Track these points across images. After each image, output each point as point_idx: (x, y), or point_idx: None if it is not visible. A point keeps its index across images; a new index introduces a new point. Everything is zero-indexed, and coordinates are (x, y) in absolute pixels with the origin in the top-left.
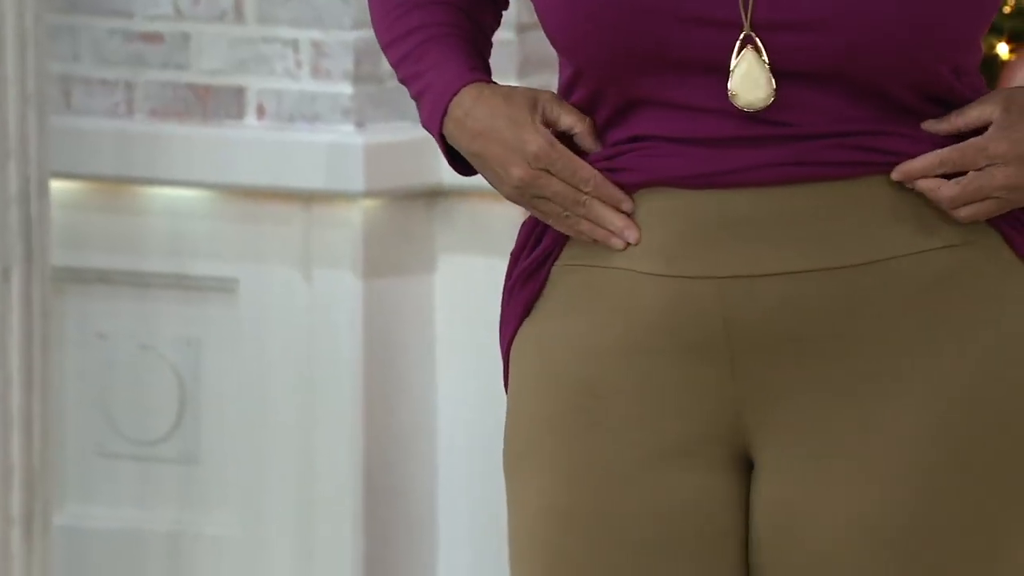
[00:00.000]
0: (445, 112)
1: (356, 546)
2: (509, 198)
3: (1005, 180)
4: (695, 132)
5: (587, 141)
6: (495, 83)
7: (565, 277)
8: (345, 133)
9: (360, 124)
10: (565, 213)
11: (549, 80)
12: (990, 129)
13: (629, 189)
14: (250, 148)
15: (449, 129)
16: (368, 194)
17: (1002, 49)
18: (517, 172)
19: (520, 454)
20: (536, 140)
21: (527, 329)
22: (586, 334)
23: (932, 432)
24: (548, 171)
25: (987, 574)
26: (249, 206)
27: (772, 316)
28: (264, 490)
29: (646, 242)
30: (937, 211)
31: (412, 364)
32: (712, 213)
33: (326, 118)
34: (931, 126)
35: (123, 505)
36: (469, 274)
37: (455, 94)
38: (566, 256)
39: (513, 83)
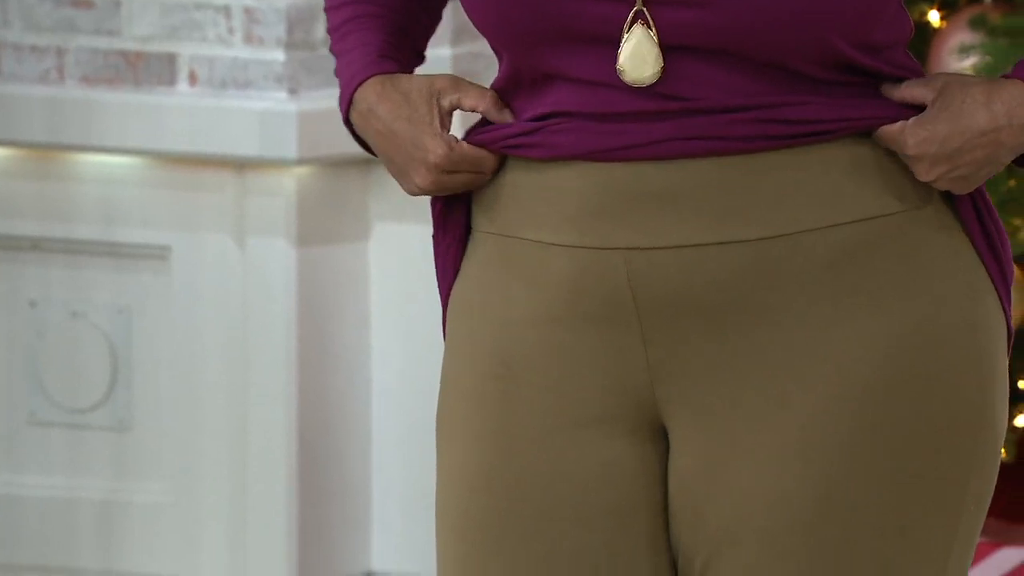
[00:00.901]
0: (351, 103)
1: (290, 512)
2: (414, 195)
3: (931, 173)
4: (597, 107)
5: (493, 115)
6: (399, 74)
7: (482, 245)
8: (278, 100)
9: (293, 91)
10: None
11: (483, 47)
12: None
13: (542, 164)
14: (182, 115)
15: (355, 120)
16: (301, 161)
17: (933, 16)
18: (420, 180)
19: (442, 419)
20: (436, 148)
21: (456, 291)
22: (499, 304)
23: (843, 407)
24: (452, 171)
25: (897, 550)
26: (181, 173)
27: (678, 288)
28: (197, 457)
29: (556, 214)
30: (851, 184)
31: (346, 331)
32: (618, 185)
33: (259, 85)
34: (887, 90)
35: (55, 473)
36: (403, 242)
37: (360, 85)
38: (480, 219)
39: (447, 51)
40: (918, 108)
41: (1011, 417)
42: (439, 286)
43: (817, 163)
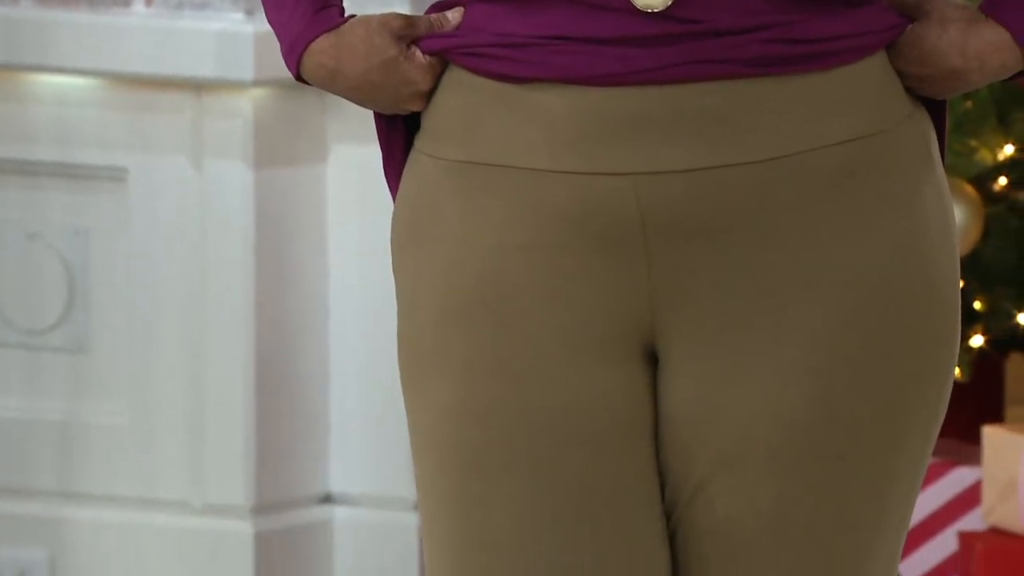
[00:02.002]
0: (299, 62)
1: (248, 434)
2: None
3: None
4: (602, 31)
5: (451, 24)
6: (344, 23)
7: (457, 174)
8: (235, 21)
9: (250, 12)
10: None
11: None
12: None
13: (532, 81)
14: (138, 35)
15: (313, 79)
16: (258, 83)
17: None
18: (418, 107)
19: (418, 348)
20: (422, 77)
21: (411, 219)
22: (487, 232)
23: (844, 324)
24: None
25: (893, 466)
26: (138, 94)
27: (686, 212)
28: (155, 379)
29: (554, 139)
30: (849, 102)
31: (304, 254)
32: (617, 110)
33: (215, 5)
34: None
35: (12, 395)
36: (361, 164)
37: (307, 46)
38: (442, 146)
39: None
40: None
41: (966, 338)
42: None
43: (818, 83)
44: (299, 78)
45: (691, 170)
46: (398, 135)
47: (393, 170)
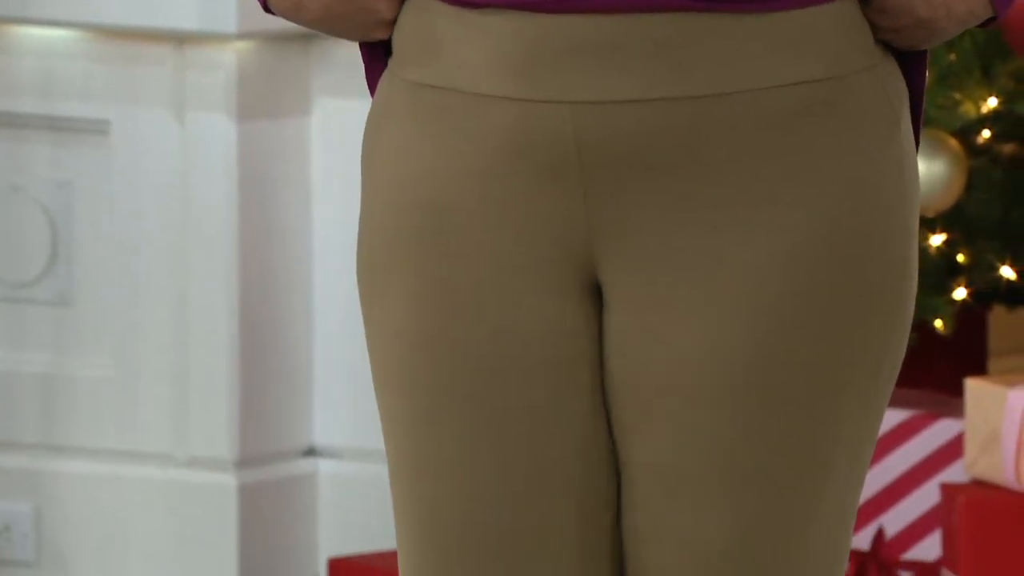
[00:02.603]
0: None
1: (232, 388)
2: None
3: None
4: None
5: None
6: None
7: (408, 93)
8: None
9: None
10: None
11: None
12: None
13: (485, 6)
14: None
15: (279, 11)
16: (241, 36)
17: None
18: (384, 35)
19: (372, 267)
20: (384, 5)
21: (375, 137)
22: (433, 156)
23: (780, 264)
24: None
25: (835, 412)
26: (121, 47)
27: (623, 142)
28: (138, 332)
29: (496, 65)
30: (800, 45)
31: (287, 207)
32: (564, 37)
33: None
34: None
35: None
36: (344, 117)
37: None
38: (406, 67)
39: None
40: None
41: (949, 290)
42: None
43: (774, 23)
44: (267, 10)
45: (632, 101)
46: (378, 58)
47: (374, 88)
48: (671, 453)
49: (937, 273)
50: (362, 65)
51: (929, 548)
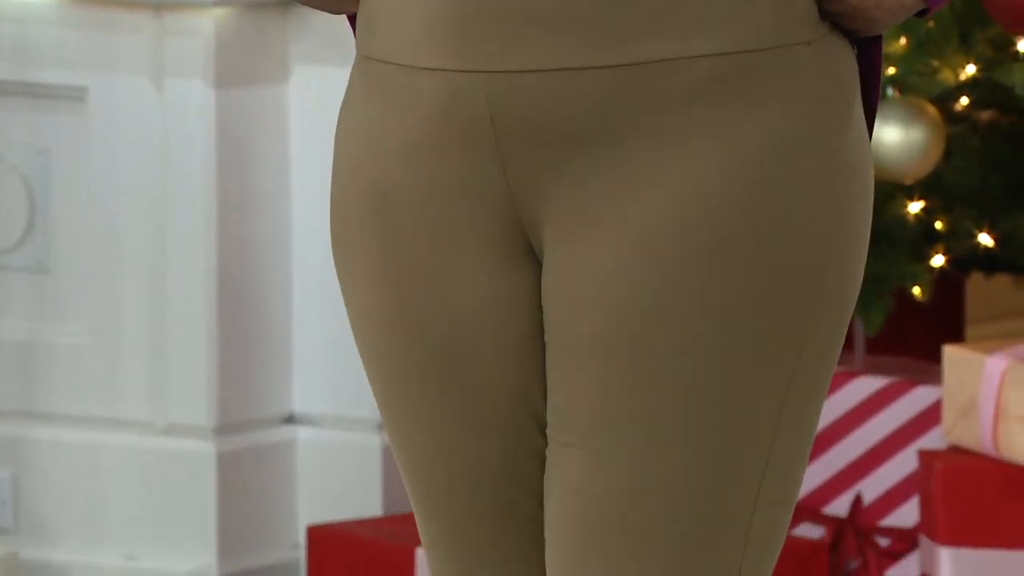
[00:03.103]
0: None
1: (211, 355)
2: None
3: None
4: None
5: None
6: None
7: (361, 70)
8: None
9: None
10: None
11: None
12: None
13: None
14: None
15: None
16: (219, 2)
17: None
18: (355, 7)
19: (338, 245)
20: None
21: (341, 118)
22: (377, 133)
23: (680, 227)
24: None
25: (742, 370)
26: (98, 13)
27: (536, 112)
28: (116, 300)
29: (427, 37)
30: (733, 17)
31: (266, 174)
32: (484, 9)
33: None
34: None
35: None
36: (323, 84)
37: None
38: (361, 41)
39: None
40: None
41: (927, 258)
42: None
43: None
44: None
45: (542, 70)
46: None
47: None
48: (573, 403)
49: (915, 240)
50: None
51: (907, 514)
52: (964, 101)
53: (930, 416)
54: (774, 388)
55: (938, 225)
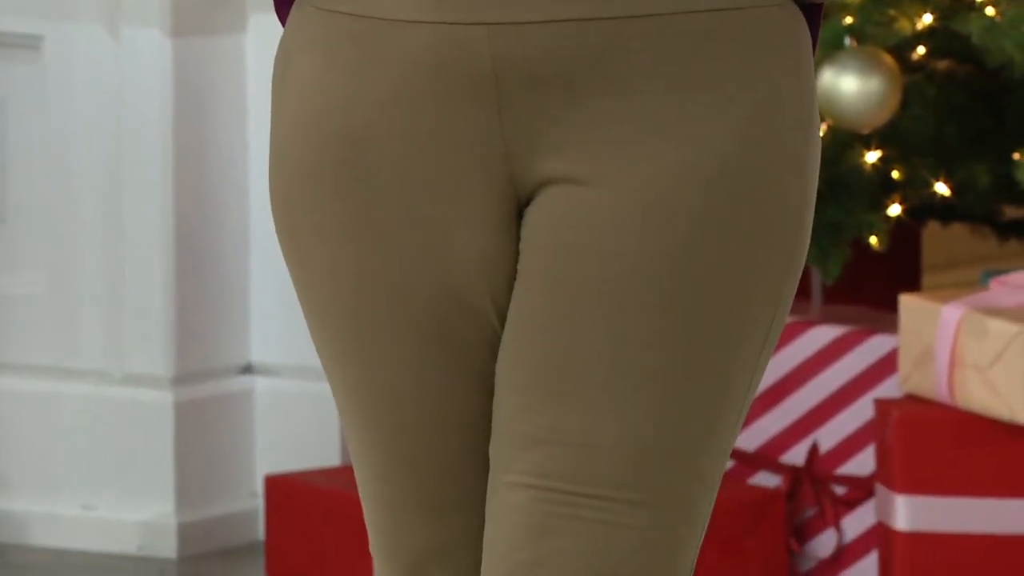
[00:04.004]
0: None
1: (167, 305)
2: None
3: None
4: None
5: None
6: None
7: (322, 21)
8: None
9: None
10: None
11: None
12: None
13: None
14: None
15: None
16: None
17: None
18: None
19: (289, 203)
20: None
21: (286, 67)
22: (348, 86)
23: (685, 176)
24: None
25: (734, 321)
26: None
27: (539, 61)
28: (73, 249)
29: None
30: None
31: (223, 123)
32: None
33: None
34: None
35: None
36: (280, 33)
37: None
38: None
39: None
40: None
41: (883, 207)
42: None
43: None
44: None
45: (546, 21)
46: None
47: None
48: (572, 351)
49: (872, 190)
50: None
51: (863, 463)
52: (921, 50)
53: (886, 365)
54: (758, 336)
55: (895, 174)
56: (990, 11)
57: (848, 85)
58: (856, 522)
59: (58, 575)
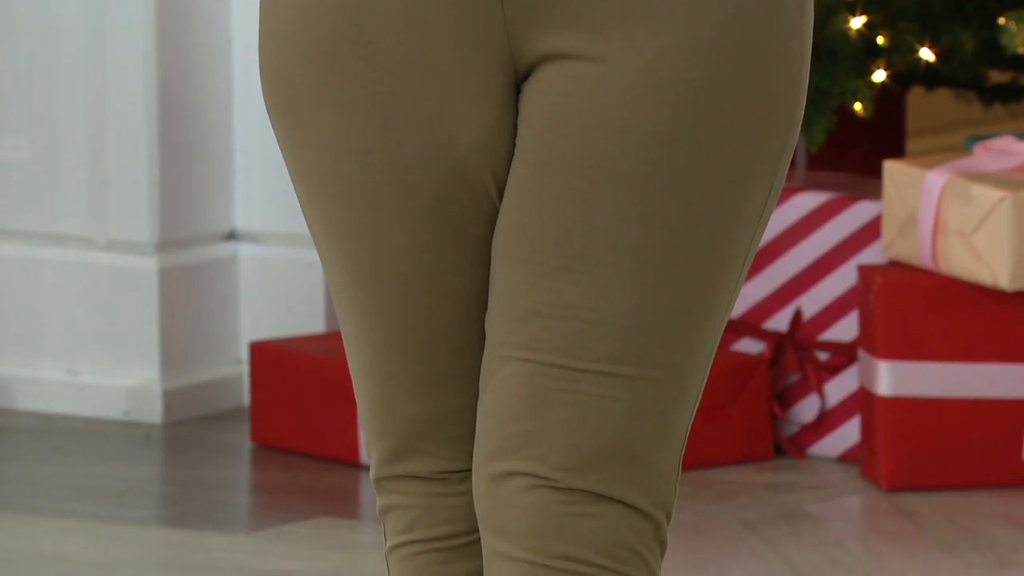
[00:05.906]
0: None
1: (151, 171)
2: None
3: None
4: None
5: None
6: None
7: None
8: None
9: None
10: None
11: None
12: None
13: None
14: None
15: None
16: None
17: None
18: None
19: (292, 83)
20: None
21: None
22: None
23: (687, 54)
24: None
25: (737, 195)
26: None
27: None
28: (56, 114)
29: None
30: None
31: None
32: None
33: None
34: None
35: None
36: None
37: None
38: None
39: None
40: None
41: (868, 72)
42: None
43: None
44: None
45: None
46: None
47: None
48: (573, 227)
49: (857, 55)
50: None
51: (846, 329)
52: None
53: (870, 231)
54: (756, 208)
55: (880, 40)
56: None
57: None
58: (839, 387)
59: (44, 439)
